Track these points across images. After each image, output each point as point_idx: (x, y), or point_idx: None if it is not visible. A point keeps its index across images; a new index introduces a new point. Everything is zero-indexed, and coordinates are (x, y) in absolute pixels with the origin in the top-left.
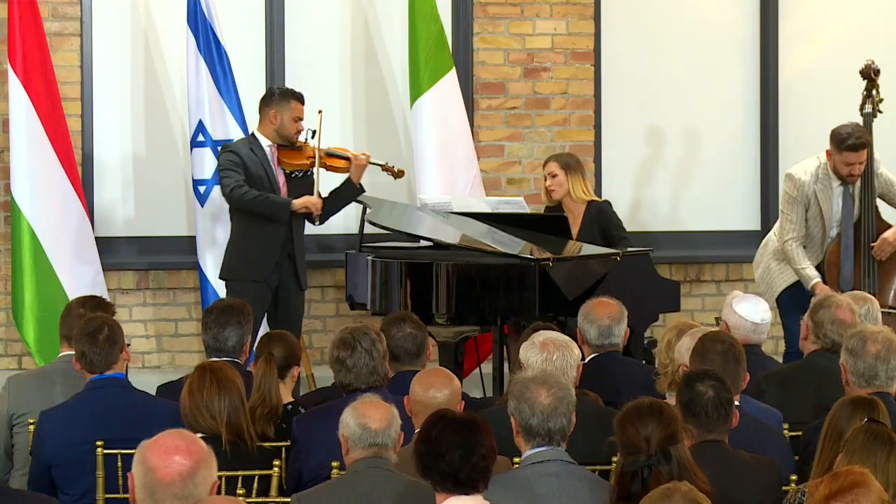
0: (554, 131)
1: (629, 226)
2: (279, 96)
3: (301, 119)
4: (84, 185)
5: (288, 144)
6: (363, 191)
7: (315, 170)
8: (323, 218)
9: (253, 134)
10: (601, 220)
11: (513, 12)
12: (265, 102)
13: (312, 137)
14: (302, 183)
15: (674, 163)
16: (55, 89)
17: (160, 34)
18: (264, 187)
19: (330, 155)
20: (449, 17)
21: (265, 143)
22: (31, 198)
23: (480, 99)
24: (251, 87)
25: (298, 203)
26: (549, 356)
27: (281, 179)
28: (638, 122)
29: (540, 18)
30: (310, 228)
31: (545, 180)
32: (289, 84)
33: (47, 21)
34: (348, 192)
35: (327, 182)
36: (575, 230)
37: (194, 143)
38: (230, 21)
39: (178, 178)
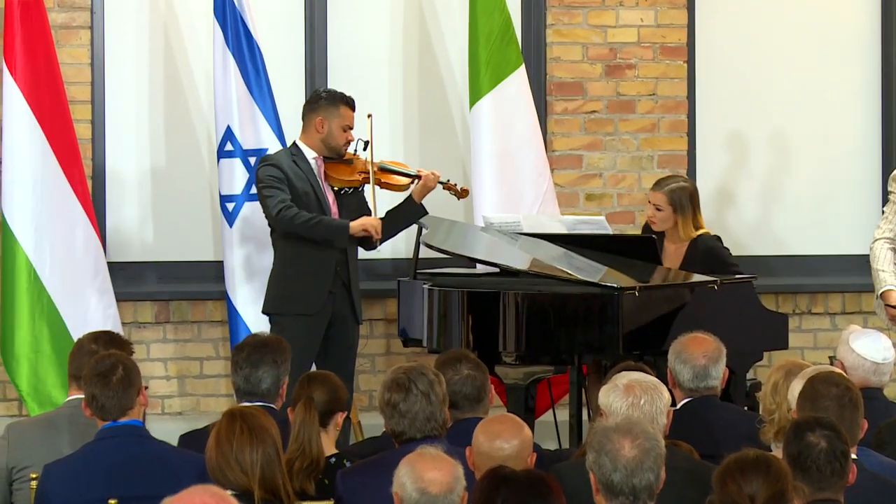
0: (640, 139)
1: (727, 247)
2: (326, 101)
3: (351, 128)
4: (95, 203)
5: (336, 157)
6: (425, 212)
7: (370, 186)
8: (376, 245)
9: (295, 144)
10: (709, 261)
11: (592, 0)
12: (310, 108)
13: (365, 149)
14: (352, 201)
15: (780, 175)
16: (61, 91)
17: (183, 26)
18: (312, 207)
19: (384, 170)
20: (518, 7)
21: (310, 154)
22: (28, 218)
23: (554, 101)
24: (288, 88)
25: (357, 225)
26: (635, 400)
27: (330, 197)
28: (738, 128)
29: (624, 7)
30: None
31: (648, 206)
32: (332, 85)
33: (52, 11)
34: (409, 213)
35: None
36: (675, 265)
37: (221, 153)
38: (264, 13)
39: (204, 193)
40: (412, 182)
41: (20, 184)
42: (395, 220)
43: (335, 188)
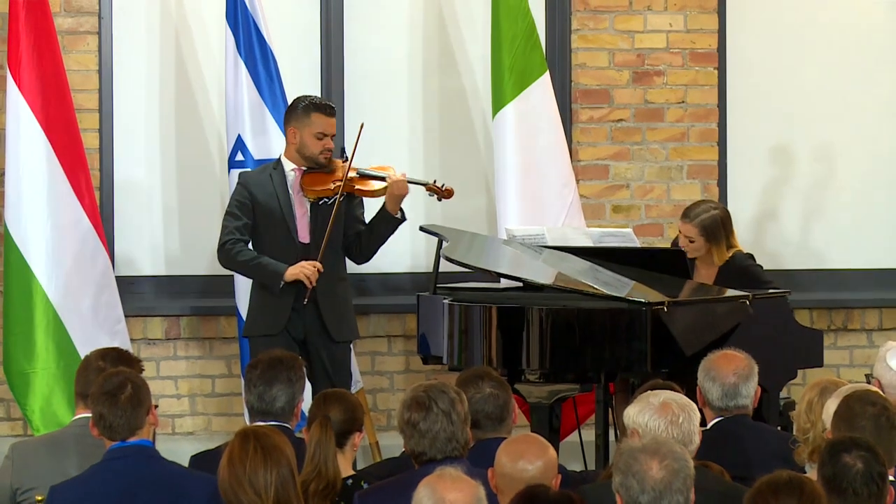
0: (669, 148)
1: (759, 261)
2: (299, 110)
3: (328, 135)
4: (102, 215)
5: (317, 167)
6: (403, 220)
7: (336, 199)
8: (363, 257)
9: (279, 158)
10: (743, 280)
11: (619, 4)
12: (285, 119)
13: (342, 156)
14: (326, 211)
15: (813, 186)
16: (68, 99)
17: (194, 31)
18: (275, 220)
19: (363, 176)
20: (542, 12)
21: (288, 167)
22: (33, 231)
23: (580, 109)
24: None
25: (291, 273)
26: (673, 418)
27: (300, 211)
28: (771, 138)
29: (652, 12)
30: (372, 264)
31: (679, 234)
32: (349, 95)
33: (59, 16)
34: (384, 224)
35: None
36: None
37: (232, 164)
38: (279, 19)
39: (215, 205)
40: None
41: (25, 195)
42: (373, 234)
43: (311, 200)
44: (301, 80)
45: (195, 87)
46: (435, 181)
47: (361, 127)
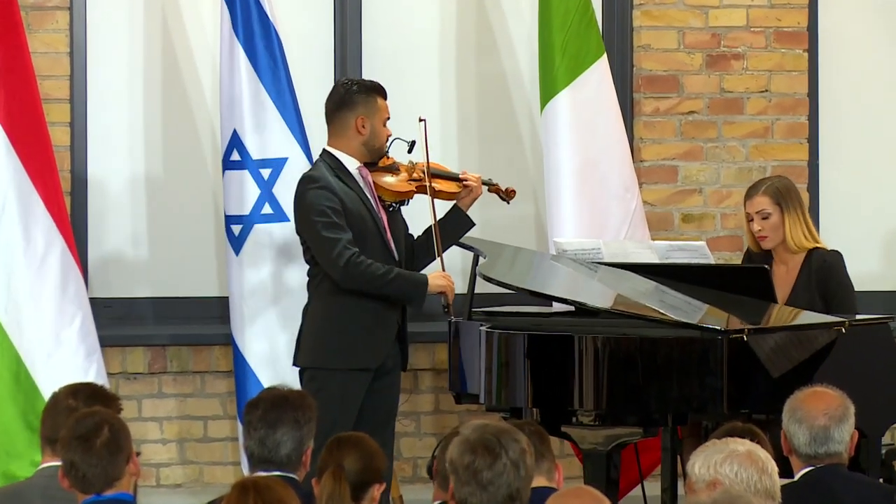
0: (750, 146)
1: (857, 281)
2: (361, 94)
3: (388, 119)
4: (73, 224)
5: (376, 161)
6: (473, 224)
7: (429, 200)
8: (418, 268)
9: (328, 153)
10: (822, 277)
11: None
12: (342, 105)
13: (410, 152)
14: (398, 218)
15: None
16: (33, 86)
17: (183, 7)
18: (368, 232)
19: (435, 175)
20: None
21: (352, 164)
22: None
23: (643, 99)
24: (314, 84)
25: (436, 283)
26: (763, 467)
27: (385, 217)
28: (871, 133)
29: None
30: None
31: (749, 220)
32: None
33: None
34: (460, 227)
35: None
36: (786, 290)
37: (227, 164)
38: None
39: (208, 213)
40: (462, 188)
41: None
42: (445, 236)
43: (386, 203)
44: (310, 64)
45: (185, 74)
46: (491, 179)
47: (423, 121)
